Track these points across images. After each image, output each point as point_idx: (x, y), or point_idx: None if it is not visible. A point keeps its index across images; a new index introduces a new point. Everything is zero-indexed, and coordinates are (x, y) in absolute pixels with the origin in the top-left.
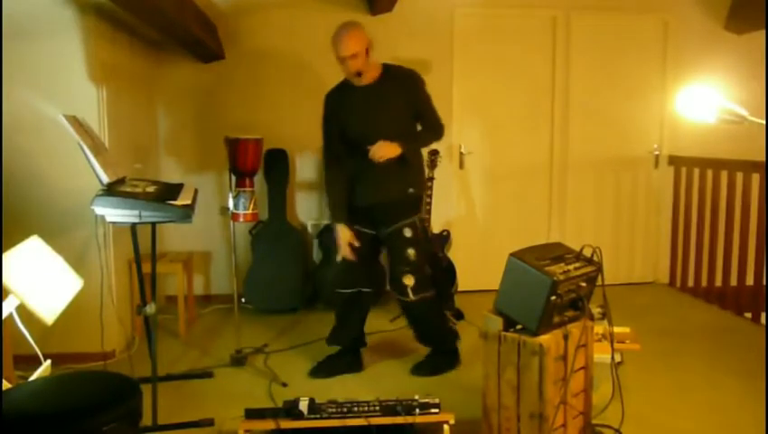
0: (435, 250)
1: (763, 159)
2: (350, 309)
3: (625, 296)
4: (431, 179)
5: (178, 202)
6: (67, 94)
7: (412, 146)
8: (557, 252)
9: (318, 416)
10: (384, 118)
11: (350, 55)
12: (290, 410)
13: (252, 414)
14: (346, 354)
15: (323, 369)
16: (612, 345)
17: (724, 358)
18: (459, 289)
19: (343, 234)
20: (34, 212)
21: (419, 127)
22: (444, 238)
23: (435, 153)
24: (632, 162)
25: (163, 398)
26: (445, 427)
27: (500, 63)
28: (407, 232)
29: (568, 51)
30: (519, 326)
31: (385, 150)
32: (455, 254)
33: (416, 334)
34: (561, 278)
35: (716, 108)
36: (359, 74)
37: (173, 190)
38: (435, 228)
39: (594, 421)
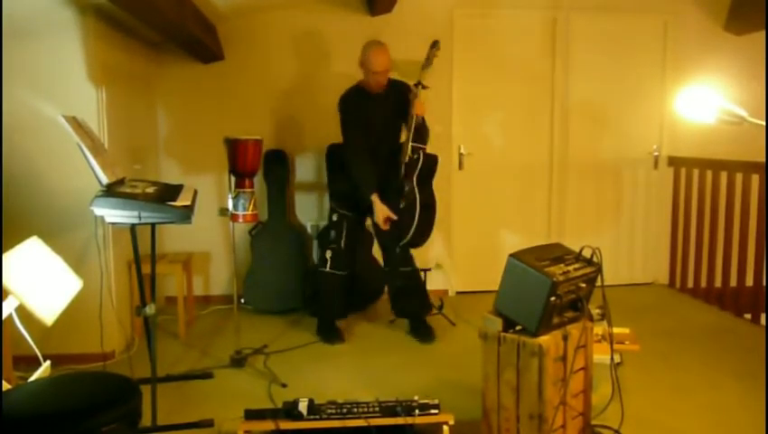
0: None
1: (763, 160)
2: (341, 288)
3: (625, 296)
4: (419, 84)
5: (177, 203)
6: (66, 95)
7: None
8: (556, 253)
9: (317, 417)
10: (392, 123)
11: (384, 70)
12: (290, 410)
13: (252, 415)
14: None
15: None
16: (611, 346)
17: (723, 359)
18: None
19: (382, 207)
20: (34, 212)
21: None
22: (414, 161)
23: (435, 44)
24: (631, 162)
25: (162, 399)
26: (445, 428)
27: (499, 64)
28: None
29: (568, 52)
30: (518, 327)
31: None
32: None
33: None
34: (561, 278)
35: (716, 109)
36: (379, 85)
37: (172, 191)
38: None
39: (593, 422)
